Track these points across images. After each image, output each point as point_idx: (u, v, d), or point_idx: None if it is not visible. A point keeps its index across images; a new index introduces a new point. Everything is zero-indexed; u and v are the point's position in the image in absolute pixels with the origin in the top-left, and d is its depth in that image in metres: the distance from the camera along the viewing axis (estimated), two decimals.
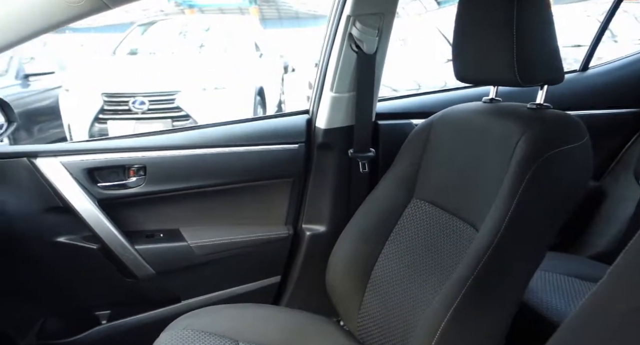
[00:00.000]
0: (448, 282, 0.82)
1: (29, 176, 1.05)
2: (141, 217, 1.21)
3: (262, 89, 4.75)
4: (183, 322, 0.99)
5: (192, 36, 5.52)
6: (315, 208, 1.35)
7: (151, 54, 5.10)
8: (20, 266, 1.11)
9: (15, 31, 0.85)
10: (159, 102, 4.00)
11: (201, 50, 5.28)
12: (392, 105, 1.40)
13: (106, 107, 3.99)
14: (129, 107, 3.96)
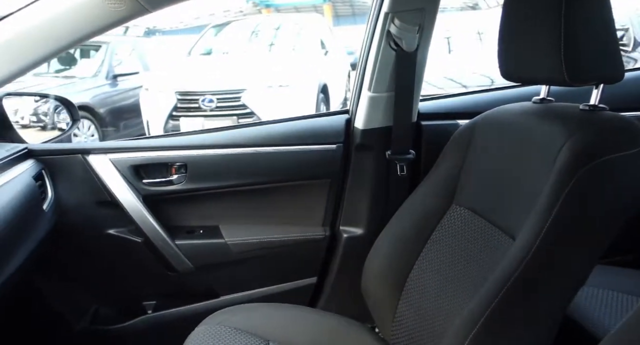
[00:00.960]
0: (477, 294, 0.76)
1: (83, 171, 1.14)
2: (182, 213, 1.27)
3: (325, 86, 4.77)
4: (217, 318, 1.02)
5: (264, 35, 5.69)
6: (353, 210, 1.32)
7: (224, 53, 5.35)
8: (76, 256, 1.21)
9: (62, 37, 0.91)
10: (226, 100, 4.19)
11: (271, 49, 5.43)
12: (436, 104, 1.33)
13: (179, 105, 4.26)
14: (199, 105, 4.19)
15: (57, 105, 1.43)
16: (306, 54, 5.08)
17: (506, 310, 0.72)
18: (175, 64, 5.26)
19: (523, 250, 0.71)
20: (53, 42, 0.93)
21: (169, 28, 16.52)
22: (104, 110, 5.11)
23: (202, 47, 5.40)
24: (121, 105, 5.37)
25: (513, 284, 0.70)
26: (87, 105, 4.88)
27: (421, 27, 1.12)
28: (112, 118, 5.24)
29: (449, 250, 0.95)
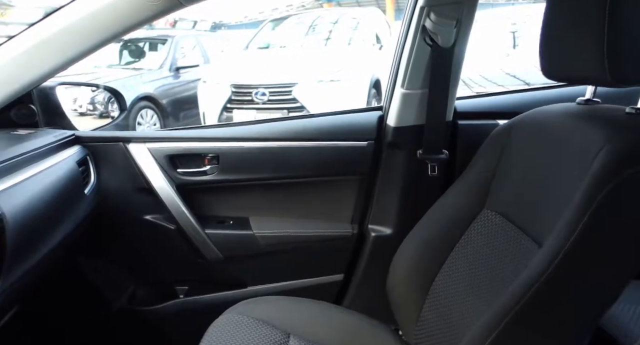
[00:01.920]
0: (499, 299, 0.72)
1: (123, 159, 1.20)
2: (214, 203, 1.31)
3: (378, 81, 4.70)
4: (241, 308, 1.04)
5: (321, 29, 5.71)
6: (382, 209, 1.29)
7: (281, 47, 5.44)
8: (116, 238, 1.28)
9: (103, 31, 0.97)
10: (277, 93, 4.26)
11: (327, 43, 5.44)
12: (475, 103, 1.27)
13: (233, 98, 4.39)
14: (252, 98, 4.30)
15: (109, 96, 1.52)
16: (361, 49, 5.04)
17: (527, 318, 0.68)
18: (232, 58, 5.43)
19: (550, 257, 0.67)
20: (96, 35, 0.98)
21: (234, 22, 17.10)
22: (166, 100, 5.39)
23: (261, 41, 5.52)
24: (182, 97, 5.65)
25: (536, 291, 0.67)
26: (151, 96, 5.19)
27: (459, 22, 1.06)
28: (173, 108, 5.53)
29: (477, 255, 0.92)
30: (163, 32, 7.33)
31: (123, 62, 6.03)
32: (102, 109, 2.11)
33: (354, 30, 5.49)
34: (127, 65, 5.92)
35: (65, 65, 1.02)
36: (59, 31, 0.97)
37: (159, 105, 5.26)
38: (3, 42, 1.00)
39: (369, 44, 5.20)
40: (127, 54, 6.14)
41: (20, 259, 0.81)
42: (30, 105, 1.09)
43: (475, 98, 1.31)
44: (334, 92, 4.24)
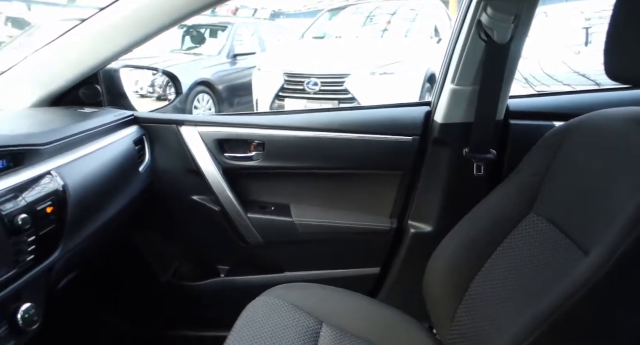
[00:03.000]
0: (534, 308, 0.70)
1: (175, 140, 1.27)
2: (257, 188, 1.34)
3: (433, 75, 4.58)
4: (277, 292, 1.07)
5: (378, 20, 5.63)
6: (423, 206, 1.27)
7: (337, 37, 5.42)
8: (166, 216, 1.35)
9: (163, 18, 1.02)
10: (329, 83, 4.27)
11: (383, 34, 5.36)
12: (530, 103, 1.21)
13: (286, 86, 4.45)
14: (303, 87, 4.33)
15: (167, 80, 1.59)
16: (417, 41, 4.92)
17: (564, 329, 0.66)
18: (286, 46, 5.48)
19: (596, 266, 0.64)
20: (158, 20, 1.03)
21: (293, 11, 17.21)
22: (222, 86, 5.56)
23: (317, 31, 5.53)
24: (237, 83, 5.80)
25: (577, 300, 0.64)
26: (208, 81, 5.37)
27: (517, 17, 1.01)
28: (228, 94, 5.69)
29: (518, 259, 0.89)
30: (224, 19, 7.54)
31: (184, 47, 6.27)
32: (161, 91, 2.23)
33: (411, 22, 5.36)
34: (187, 51, 6.15)
35: (130, 48, 1.08)
36: (125, 16, 1.03)
37: (215, 90, 5.44)
38: (76, 25, 1.08)
39: (427, 37, 5.06)
40: (189, 39, 6.38)
41: (80, 228, 0.88)
42: (96, 85, 1.17)
43: (531, 97, 1.25)
44: (387, 85, 4.18)
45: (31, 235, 0.73)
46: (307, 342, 0.93)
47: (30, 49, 1.10)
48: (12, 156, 0.77)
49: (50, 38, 1.10)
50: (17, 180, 0.75)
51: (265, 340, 0.91)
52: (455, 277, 0.96)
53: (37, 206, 0.75)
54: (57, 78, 1.08)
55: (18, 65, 1.08)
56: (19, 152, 0.78)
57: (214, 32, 6.41)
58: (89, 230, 0.92)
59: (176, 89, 1.50)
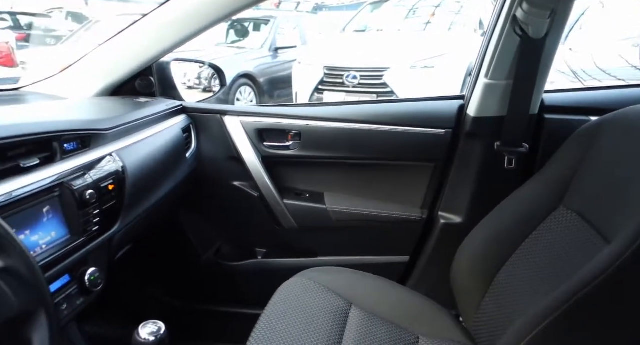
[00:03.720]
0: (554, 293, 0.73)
1: (219, 129, 1.36)
2: (293, 176, 1.42)
3: None
4: (310, 274, 1.14)
5: (422, 13, 5.56)
6: (454, 197, 1.30)
7: (378, 31, 5.41)
8: (209, 199, 1.45)
9: (213, 15, 1.10)
10: (368, 77, 4.28)
11: (426, 27, 5.30)
12: (566, 97, 1.21)
13: (325, 79, 4.50)
14: (343, 81, 4.37)
15: (213, 72, 1.69)
16: (461, 35, 4.83)
17: (583, 310, 0.69)
18: (327, 40, 5.53)
19: (615, 255, 0.67)
20: (208, 16, 1.12)
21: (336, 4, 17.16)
22: (263, 79, 5.70)
23: (359, 24, 5.53)
24: (278, 76, 5.91)
25: (594, 287, 0.67)
26: (251, 74, 5.51)
27: (554, 12, 1.02)
28: (269, 87, 5.82)
29: (546, 252, 0.91)
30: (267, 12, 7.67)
31: (228, 41, 6.45)
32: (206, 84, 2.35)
33: (456, 15, 5.26)
34: (232, 44, 6.33)
35: (181, 43, 1.18)
36: (177, 13, 1.12)
37: (256, 83, 5.58)
38: (133, 22, 1.18)
39: (471, 30, 4.95)
40: (233, 33, 6.55)
41: (135, 205, 0.98)
42: (150, 77, 1.27)
43: (568, 92, 1.24)
44: (426, 79, 4.14)
45: (96, 208, 0.84)
46: (336, 322, 0.99)
47: (89, 42, 1.22)
48: (81, 139, 0.88)
49: (108, 32, 1.21)
50: (85, 160, 0.86)
51: (296, 317, 0.97)
52: (482, 268, 0.99)
53: (101, 184, 0.85)
54: (118, 70, 1.20)
55: (83, 59, 1.20)
56: (86, 136, 0.89)
57: (257, 25, 6.54)
58: (143, 208, 1.02)
59: (221, 81, 1.59)
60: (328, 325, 0.97)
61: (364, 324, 1.00)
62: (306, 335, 0.93)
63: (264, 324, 0.95)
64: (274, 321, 0.96)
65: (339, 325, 0.98)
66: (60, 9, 9.00)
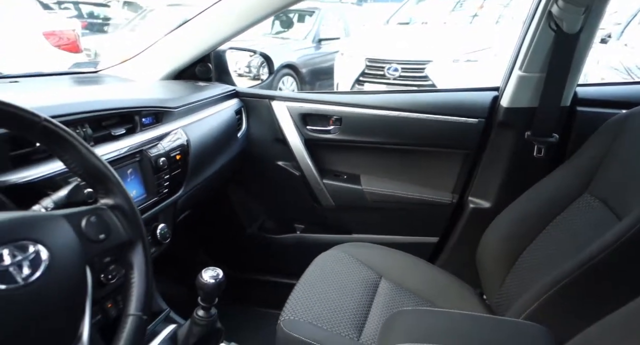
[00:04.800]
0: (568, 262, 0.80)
1: (267, 113, 1.48)
2: (333, 158, 1.53)
3: None
4: (344, 247, 1.25)
5: (469, 6, 5.49)
6: (484, 183, 1.37)
7: (423, 23, 5.39)
8: (255, 177, 1.59)
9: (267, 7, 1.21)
10: (410, 69, 4.31)
11: (473, 20, 5.23)
12: (600, 91, 1.25)
13: (366, 71, 4.57)
14: (384, 73, 4.42)
15: (262, 61, 1.82)
16: (509, 28, 4.74)
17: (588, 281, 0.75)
18: (370, 32, 5.56)
19: (623, 229, 0.73)
20: (262, 9, 1.24)
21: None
22: (305, 70, 5.82)
23: (403, 16, 5.53)
24: (320, 67, 6.02)
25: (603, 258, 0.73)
26: (293, 64, 5.65)
27: (588, 8, 1.07)
28: (310, 78, 5.94)
29: (568, 234, 0.98)
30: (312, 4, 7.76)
31: (274, 32, 6.62)
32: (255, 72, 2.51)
33: (505, 8, 5.15)
34: (276, 35, 6.49)
35: (237, 33, 1.31)
36: (234, 7, 1.25)
37: (299, 73, 5.71)
38: (198, 12, 1.32)
39: (519, 23, 4.84)
40: (279, 24, 6.71)
41: (196, 174, 1.13)
42: (208, 64, 1.42)
43: (602, 86, 1.28)
44: (469, 73, 4.12)
45: (167, 174, 0.98)
46: (367, 291, 1.09)
47: (144, 30, 1.35)
48: (155, 115, 1.03)
49: (160, 21, 1.35)
50: (158, 132, 1.00)
51: (330, 284, 1.08)
52: (506, 249, 1.07)
53: (171, 153, 1.00)
54: (181, 57, 1.34)
55: (151, 47, 1.35)
56: (159, 112, 1.04)
57: (302, 17, 6.66)
58: (201, 177, 1.17)
59: (269, 69, 1.72)
60: (359, 293, 1.07)
61: (392, 294, 1.09)
62: (338, 300, 1.04)
63: (300, 288, 1.06)
64: (309, 286, 1.07)
65: (369, 294, 1.09)
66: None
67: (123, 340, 0.57)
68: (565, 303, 0.78)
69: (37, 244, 0.49)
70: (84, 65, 3.61)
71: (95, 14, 7.98)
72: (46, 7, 6.61)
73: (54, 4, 7.38)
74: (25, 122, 0.54)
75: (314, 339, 0.92)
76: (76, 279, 0.53)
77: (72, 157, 0.59)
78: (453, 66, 4.19)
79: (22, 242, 0.48)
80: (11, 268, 0.46)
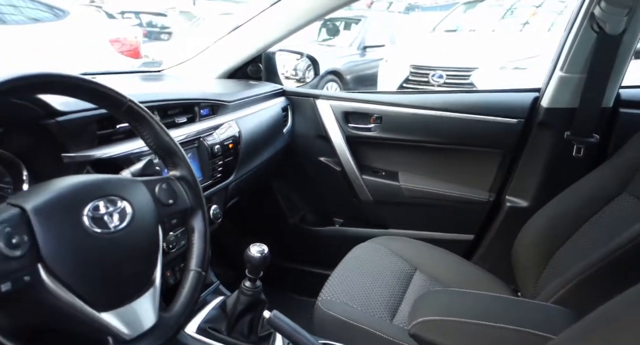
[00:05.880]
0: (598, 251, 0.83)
1: (311, 111, 1.57)
2: (372, 155, 1.59)
3: None
4: (380, 240, 1.30)
5: (520, 13, 5.39)
6: (522, 183, 1.39)
7: (471, 31, 5.35)
8: (298, 171, 1.68)
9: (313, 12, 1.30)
10: (455, 76, 4.29)
11: (523, 28, 5.13)
12: None
13: (410, 78, 4.59)
14: (428, 80, 4.42)
15: (308, 64, 1.92)
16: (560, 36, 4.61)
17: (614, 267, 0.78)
18: (415, 39, 5.58)
19: None
20: (309, 13, 1.33)
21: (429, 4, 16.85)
22: (349, 76, 5.91)
23: (451, 24, 5.51)
24: (364, 74, 6.09)
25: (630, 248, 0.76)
26: (338, 71, 5.76)
27: (632, 10, 1.08)
28: (354, 84, 6.02)
29: (604, 234, 0.99)
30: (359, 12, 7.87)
31: (320, 39, 6.77)
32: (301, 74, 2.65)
33: (558, 15, 5.01)
34: (322, 42, 6.64)
35: (286, 36, 1.41)
36: (283, 12, 1.34)
37: (343, 79, 5.81)
38: (250, 17, 1.43)
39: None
40: (325, 31, 6.86)
41: (245, 163, 1.23)
42: (259, 64, 1.53)
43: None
44: (515, 80, 4.05)
45: (220, 160, 1.09)
46: (400, 281, 1.14)
47: (198, 37, 1.48)
48: (211, 107, 1.14)
49: (213, 29, 1.47)
50: (214, 123, 1.11)
51: (365, 273, 1.13)
52: (542, 248, 1.09)
53: (224, 142, 1.11)
54: (235, 58, 1.46)
55: (207, 49, 1.48)
56: (216, 105, 1.15)
57: (348, 24, 6.78)
58: (250, 167, 1.27)
59: (315, 71, 1.82)
60: (393, 282, 1.12)
61: (425, 286, 1.13)
62: (373, 286, 1.09)
63: (338, 274, 1.13)
64: (346, 273, 1.13)
65: (403, 284, 1.13)
66: (174, 8, 10.04)
67: (186, 291, 0.67)
68: (592, 289, 0.80)
69: (123, 200, 0.60)
70: (149, 65, 3.89)
71: (154, 23, 8.50)
72: (110, 16, 7.13)
73: (117, 13, 7.95)
74: (114, 100, 0.65)
75: (348, 317, 0.98)
76: (152, 233, 0.64)
77: (149, 133, 0.70)
78: (500, 73, 4.13)
79: (112, 198, 0.60)
80: (105, 216, 0.57)
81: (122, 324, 0.57)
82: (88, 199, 0.57)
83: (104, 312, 0.56)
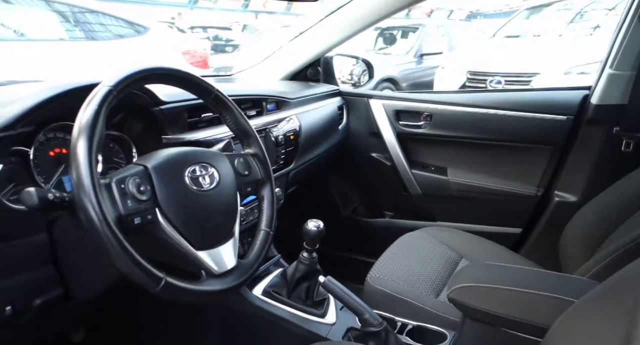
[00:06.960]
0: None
1: (365, 110, 1.69)
2: (422, 151, 1.67)
3: None
4: (428, 230, 1.38)
5: (591, 16, 5.19)
6: (571, 178, 1.42)
7: (535, 36, 5.21)
8: (352, 165, 1.80)
9: (368, 18, 1.43)
10: (514, 82, 4.21)
11: (594, 32, 4.94)
12: None
13: (467, 84, 4.56)
14: (486, 85, 4.38)
15: (363, 69, 2.05)
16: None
17: None
18: (474, 45, 5.52)
19: None
20: (364, 20, 1.46)
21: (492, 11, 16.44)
22: (405, 84, 5.96)
23: (513, 30, 5.40)
24: (420, 81, 6.12)
25: None
26: (394, 78, 5.83)
27: None
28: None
29: None
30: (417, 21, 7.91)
31: (376, 48, 6.89)
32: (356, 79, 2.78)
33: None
34: (379, 51, 6.75)
35: (343, 41, 1.54)
36: (340, 18, 1.48)
37: (398, 87, 5.87)
38: (310, 26, 1.59)
39: None
40: (381, 40, 6.98)
41: (304, 153, 1.37)
42: (318, 67, 1.68)
43: None
44: (579, 85, 3.90)
45: (283, 149, 1.24)
46: (446, 266, 1.21)
47: (260, 48, 1.63)
48: (276, 103, 1.30)
49: (274, 41, 1.64)
50: (278, 116, 1.27)
51: (412, 258, 1.21)
52: (588, 239, 1.12)
53: (287, 133, 1.26)
54: (296, 62, 1.62)
55: (272, 55, 1.65)
56: (280, 101, 1.31)
57: (405, 33, 6.84)
58: (308, 157, 1.41)
59: (369, 74, 1.94)
60: (438, 268, 1.19)
61: None
62: (420, 269, 1.17)
63: (387, 256, 1.22)
64: (395, 255, 1.23)
65: (449, 269, 1.20)
66: (238, 22, 10.64)
67: (257, 246, 0.83)
68: (624, 265, 0.84)
69: (212, 167, 0.78)
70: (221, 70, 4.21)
71: (220, 36, 9.08)
72: (181, 31, 7.73)
73: (187, 28, 8.59)
74: (205, 89, 0.82)
75: (396, 292, 1.08)
76: (232, 195, 0.80)
77: (231, 117, 0.87)
78: (564, 78, 4.01)
79: (204, 164, 0.77)
80: (200, 178, 0.74)
81: (212, 262, 0.74)
82: (188, 163, 0.75)
83: (200, 251, 0.72)
